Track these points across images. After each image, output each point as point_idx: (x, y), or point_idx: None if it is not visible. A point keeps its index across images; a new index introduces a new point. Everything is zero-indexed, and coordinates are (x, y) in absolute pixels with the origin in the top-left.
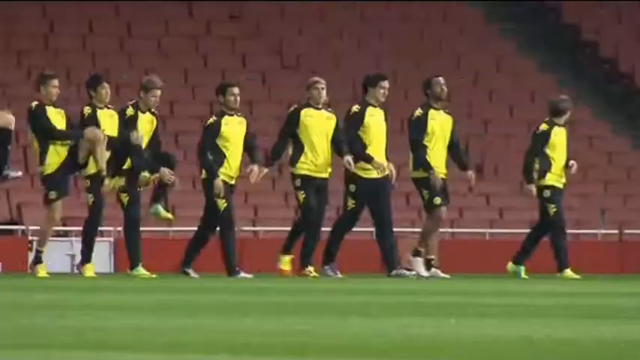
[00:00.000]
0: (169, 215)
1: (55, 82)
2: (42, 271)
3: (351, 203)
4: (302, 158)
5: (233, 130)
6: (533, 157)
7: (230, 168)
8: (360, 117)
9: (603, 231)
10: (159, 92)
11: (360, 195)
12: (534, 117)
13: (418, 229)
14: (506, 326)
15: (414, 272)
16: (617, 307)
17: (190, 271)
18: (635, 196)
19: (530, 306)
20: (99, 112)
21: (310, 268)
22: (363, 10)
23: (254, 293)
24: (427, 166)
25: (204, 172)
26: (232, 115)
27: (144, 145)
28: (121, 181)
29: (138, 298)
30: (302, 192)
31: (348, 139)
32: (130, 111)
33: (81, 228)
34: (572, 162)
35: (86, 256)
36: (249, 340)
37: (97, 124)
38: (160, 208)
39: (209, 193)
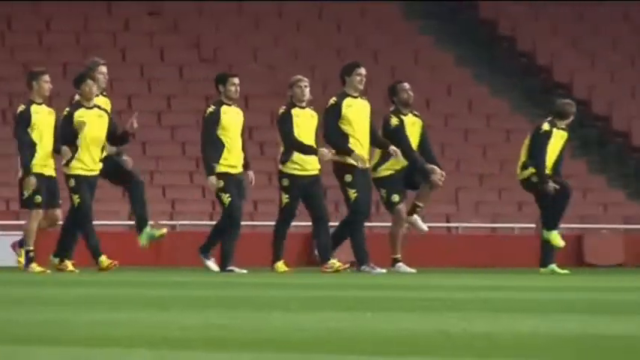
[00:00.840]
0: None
1: (47, 77)
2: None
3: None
4: (293, 157)
5: (232, 120)
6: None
7: (231, 157)
8: (337, 109)
9: (519, 225)
10: (105, 68)
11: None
12: (451, 110)
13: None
14: (423, 320)
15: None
16: (536, 301)
17: (234, 268)
18: None
19: (447, 300)
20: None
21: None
22: (281, 5)
23: (175, 287)
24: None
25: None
26: (230, 105)
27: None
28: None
29: (57, 291)
30: (287, 195)
31: (327, 132)
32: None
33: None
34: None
35: (66, 253)
36: (168, 333)
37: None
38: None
39: (216, 188)
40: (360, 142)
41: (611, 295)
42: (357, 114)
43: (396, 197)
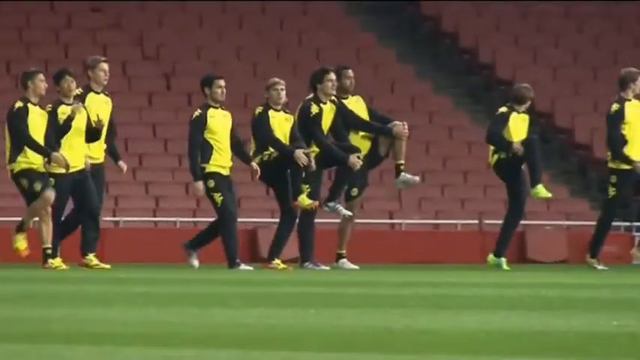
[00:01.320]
0: None
1: (42, 76)
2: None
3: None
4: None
5: (219, 122)
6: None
7: (221, 159)
8: (320, 116)
9: (462, 221)
10: (106, 65)
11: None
12: (393, 107)
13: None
14: (366, 316)
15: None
16: (479, 297)
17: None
18: (494, 187)
19: (390, 296)
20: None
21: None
22: (224, 2)
23: (117, 283)
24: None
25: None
26: (217, 107)
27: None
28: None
29: None
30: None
31: (315, 138)
32: (78, 91)
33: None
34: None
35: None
36: (111, 329)
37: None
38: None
39: (206, 189)
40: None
41: (554, 292)
42: (326, 120)
43: (355, 191)
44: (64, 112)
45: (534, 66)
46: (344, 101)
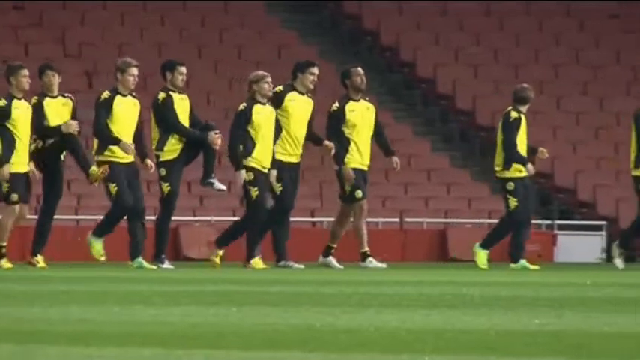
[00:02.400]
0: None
1: (25, 71)
2: (6, 265)
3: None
4: (253, 154)
5: (180, 107)
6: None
7: (177, 144)
8: (280, 100)
9: (383, 220)
10: (136, 70)
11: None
12: (316, 105)
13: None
14: (289, 314)
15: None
16: (401, 295)
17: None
18: (414, 185)
19: (314, 294)
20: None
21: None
22: (145, 0)
23: (41, 282)
24: (340, 161)
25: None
26: (176, 92)
27: (132, 132)
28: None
29: None
30: (255, 188)
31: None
32: (105, 94)
33: None
34: (540, 149)
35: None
36: (34, 328)
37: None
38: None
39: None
40: (296, 138)
41: (475, 290)
42: (297, 109)
43: (359, 193)
44: (48, 104)
45: (455, 64)
46: (353, 102)
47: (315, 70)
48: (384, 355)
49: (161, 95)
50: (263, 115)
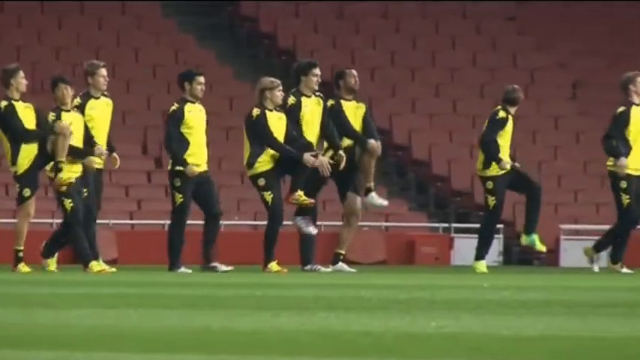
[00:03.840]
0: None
1: (22, 73)
2: (24, 269)
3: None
4: (260, 159)
5: (196, 118)
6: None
7: (195, 155)
8: (297, 108)
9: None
10: (105, 71)
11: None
12: (214, 108)
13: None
14: (186, 317)
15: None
16: (299, 298)
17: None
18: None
19: (211, 297)
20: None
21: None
22: (42, 2)
23: None
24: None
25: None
26: (194, 103)
27: (105, 133)
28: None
29: None
30: (269, 192)
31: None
32: (77, 101)
33: None
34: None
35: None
36: None
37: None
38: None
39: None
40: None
41: (373, 293)
42: (310, 114)
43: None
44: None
45: (352, 66)
46: (345, 102)
47: (318, 70)
48: (283, 357)
49: (175, 106)
50: (270, 120)
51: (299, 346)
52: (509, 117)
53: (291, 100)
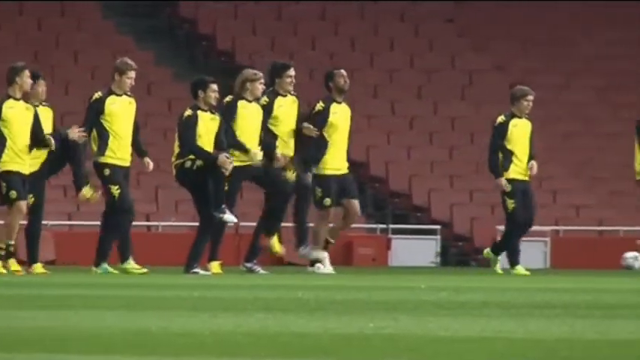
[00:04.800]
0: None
1: (28, 72)
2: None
3: None
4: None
5: (205, 125)
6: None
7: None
8: (269, 108)
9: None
10: (134, 74)
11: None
12: (151, 110)
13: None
14: (125, 318)
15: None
16: (237, 299)
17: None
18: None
19: (149, 298)
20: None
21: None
22: None
23: None
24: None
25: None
26: (206, 111)
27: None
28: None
29: None
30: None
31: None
32: (97, 95)
33: None
34: (531, 162)
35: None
36: None
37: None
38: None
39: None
40: (285, 142)
41: (311, 294)
42: (285, 115)
43: (327, 201)
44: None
45: None
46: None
47: (292, 72)
48: (219, 358)
49: (188, 112)
50: (249, 111)
51: (236, 348)
52: (511, 121)
53: (264, 100)
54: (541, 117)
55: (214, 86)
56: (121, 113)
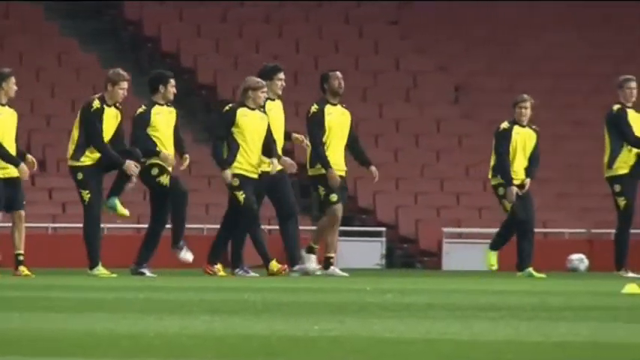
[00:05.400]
0: (125, 211)
1: (14, 79)
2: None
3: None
4: (239, 158)
5: (164, 119)
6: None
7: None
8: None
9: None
10: (126, 84)
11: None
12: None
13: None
14: (70, 320)
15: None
16: (182, 302)
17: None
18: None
19: (94, 300)
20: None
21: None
22: None
23: None
24: (327, 164)
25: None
26: (163, 105)
27: (106, 140)
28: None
29: None
30: (240, 192)
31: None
32: (96, 104)
33: None
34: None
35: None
36: None
37: None
38: (117, 203)
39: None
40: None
41: (257, 296)
42: (274, 118)
43: (334, 197)
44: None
45: (235, 71)
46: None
47: (282, 75)
48: None
49: (142, 108)
50: (250, 119)
51: (182, 350)
52: (514, 127)
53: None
54: (487, 118)
55: (173, 81)
56: (108, 124)
